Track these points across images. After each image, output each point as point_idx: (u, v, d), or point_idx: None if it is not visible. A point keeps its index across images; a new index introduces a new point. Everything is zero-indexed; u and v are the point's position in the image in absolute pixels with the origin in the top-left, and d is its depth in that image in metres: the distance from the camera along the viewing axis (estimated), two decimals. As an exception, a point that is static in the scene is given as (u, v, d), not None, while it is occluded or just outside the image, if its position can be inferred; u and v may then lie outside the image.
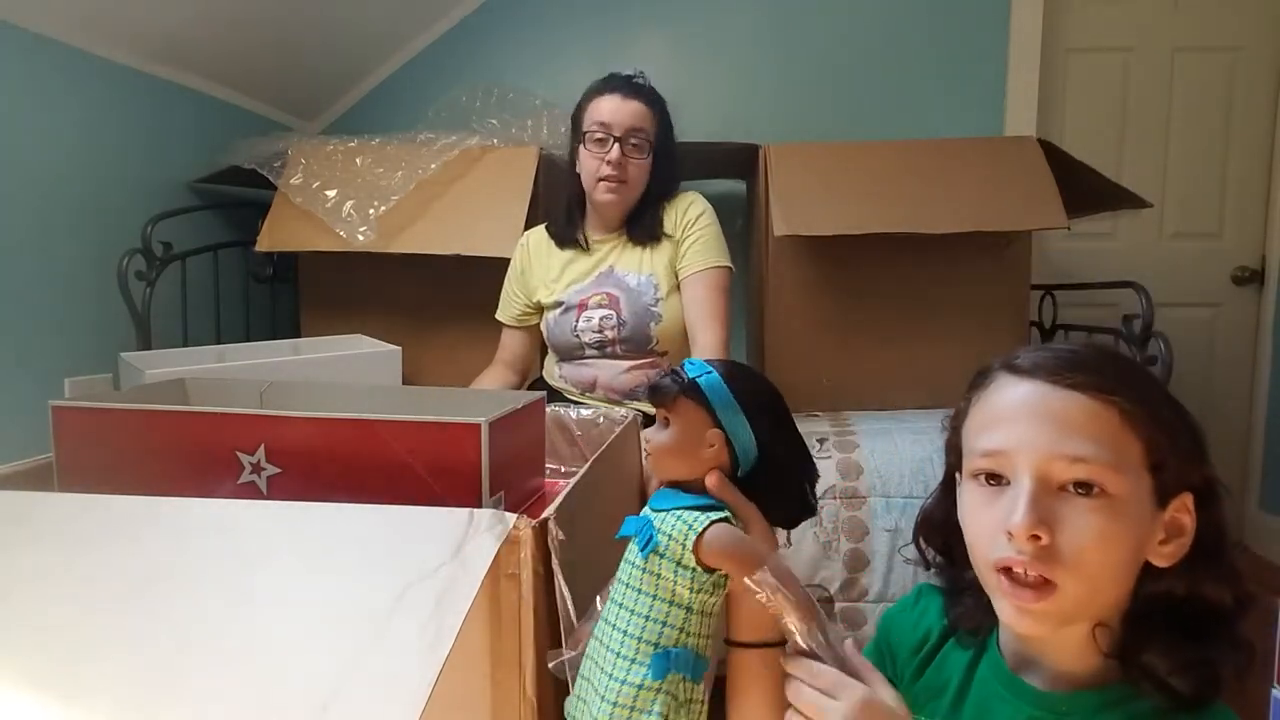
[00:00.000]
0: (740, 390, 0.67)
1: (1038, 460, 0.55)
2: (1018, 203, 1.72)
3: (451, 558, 0.60)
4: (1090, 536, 0.53)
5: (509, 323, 1.64)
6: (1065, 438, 0.55)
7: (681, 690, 0.62)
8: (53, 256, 1.60)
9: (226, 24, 1.93)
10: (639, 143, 1.47)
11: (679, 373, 0.68)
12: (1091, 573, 0.54)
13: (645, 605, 0.63)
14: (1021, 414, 0.57)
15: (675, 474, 0.67)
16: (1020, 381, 0.58)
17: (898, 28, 2.44)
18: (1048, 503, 0.54)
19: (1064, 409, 0.56)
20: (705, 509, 0.64)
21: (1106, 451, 0.54)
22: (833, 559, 1.50)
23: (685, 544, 0.62)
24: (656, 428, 0.68)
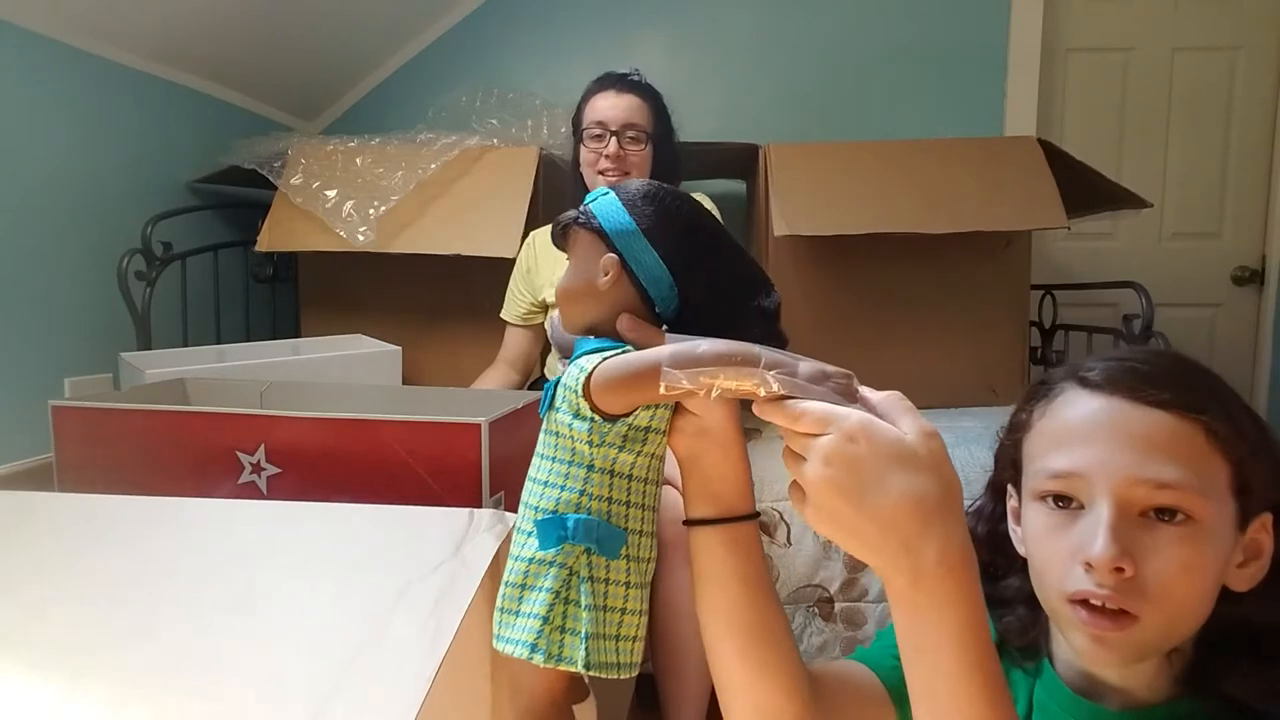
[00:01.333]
0: (643, 211, 0.56)
1: (1117, 484, 0.51)
2: (1018, 203, 1.72)
3: (451, 557, 0.60)
4: (1177, 568, 0.50)
5: (513, 321, 1.64)
6: (1148, 460, 0.50)
7: (585, 565, 0.52)
8: (53, 256, 1.60)
9: (227, 24, 1.93)
10: (636, 135, 1.48)
11: (584, 206, 0.58)
12: (1176, 605, 0.50)
13: (545, 470, 0.54)
14: (1099, 433, 0.52)
15: (579, 318, 0.57)
16: (1094, 396, 0.53)
17: (898, 28, 2.44)
18: (1130, 531, 0.50)
19: (1146, 429, 0.51)
20: (593, 348, 0.54)
21: (1193, 475, 0.50)
22: (833, 559, 1.50)
23: (577, 389, 0.52)
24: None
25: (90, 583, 0.60)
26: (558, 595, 0.51)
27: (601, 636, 0.52)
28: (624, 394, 0.50)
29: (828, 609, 1.50)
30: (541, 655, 0.51)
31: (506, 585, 0.53)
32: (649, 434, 0.53)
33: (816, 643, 1.49)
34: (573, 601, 0.52)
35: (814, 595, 1.50)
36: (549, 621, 0.51)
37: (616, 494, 0.53)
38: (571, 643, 0.51)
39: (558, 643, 0.51)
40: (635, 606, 0.54)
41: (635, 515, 0.54)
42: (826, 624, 1.49)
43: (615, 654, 0.53)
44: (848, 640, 1.49)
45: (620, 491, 0.53)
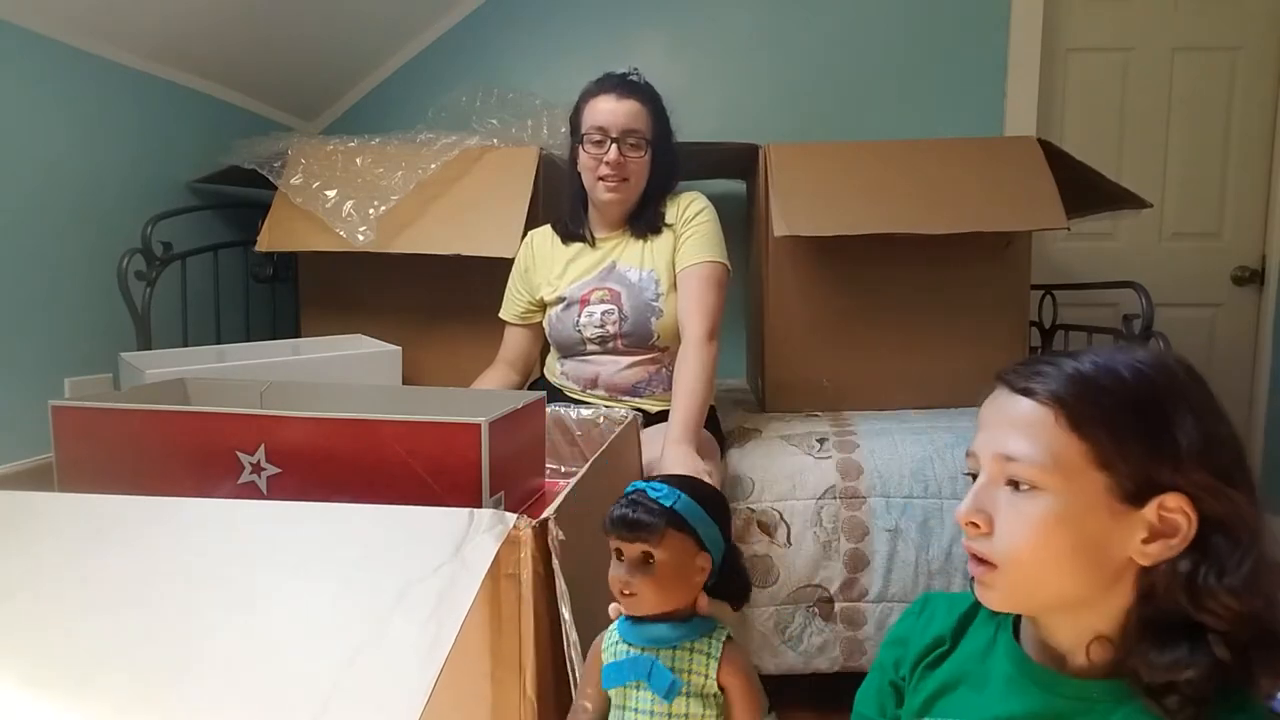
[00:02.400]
0: (709, 506, 0.69)
1: (987, 459, 0.61)
2: (1018, 203, 1.72)
3: (451, 558, 0.60)
4: (1018, 526, 0.58)
5: (512, 321, 1.64)
6: (1006, 438, 0.60)
7: None
8: (53, 256, 1.60)
9: (227, 24, 1.93)
10: (636, 142, 1.47)
11: (652, 504, 0.67)
12: (1027, 558, 0.58)
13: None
14: (985, 418, 0.63)
15: (668, 607, 0.67)
16: (997, 390, 0.63)
17: (898, 28, 2.44)
18: (991, 495, 0.60)
19: (1010, 412, 0.60)
20: (697, 631, 0.66)
21: (1038, 451, 0.58)
22: (833, 559, 1.50)
23: (710, 675, 0.64)
24: (629, 566, 0.66)
25: (90, 583, 0.60)
26: None
27: None
28: (745, 683, 0.65)
29: (828, 609, 1.50)
30: None
31: None
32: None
33: (816, 643, 1.49)
34: None
35: (814, 595, 1.50)
36: None
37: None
38: None
39: None
40: None
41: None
42: (826, 624, 1.49)
43: None
44: (847, 640, 1.49)
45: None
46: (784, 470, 1.54)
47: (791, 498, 1.52)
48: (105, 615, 0.57)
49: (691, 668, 0.64)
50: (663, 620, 0.66)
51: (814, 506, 1.51)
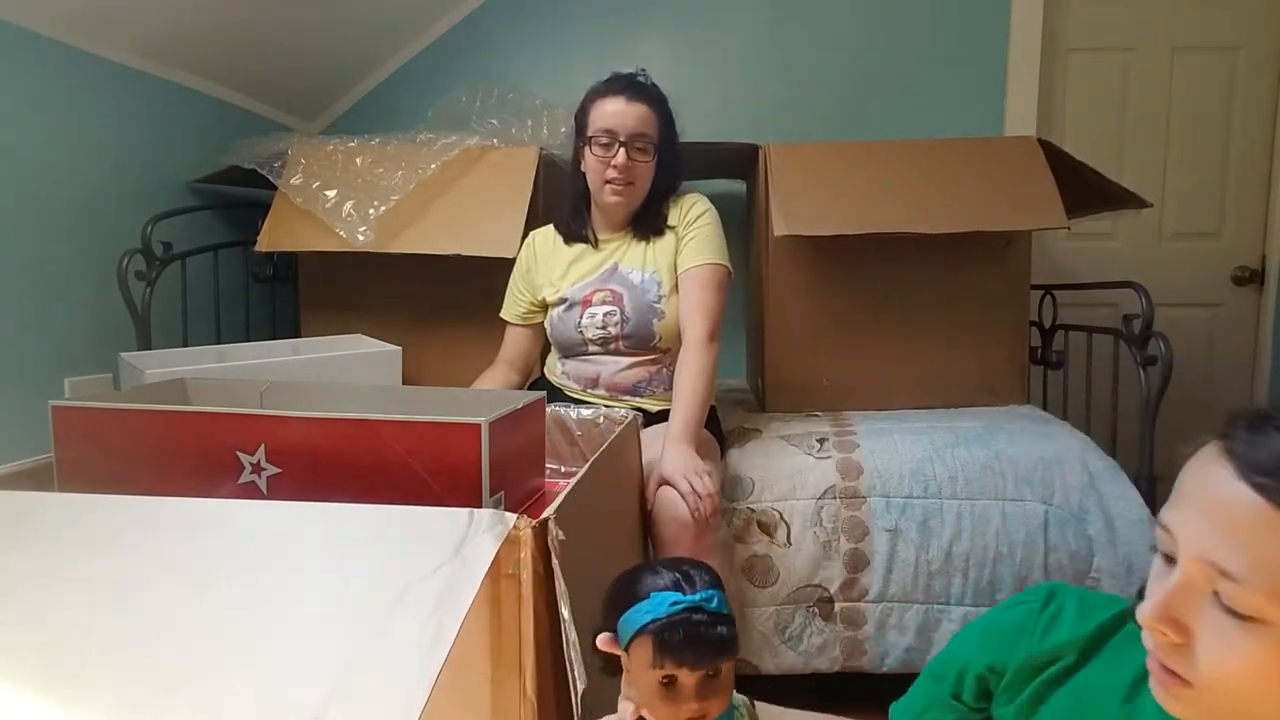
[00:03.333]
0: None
1: (1190, 556, 0.48)
2: (1018, 203, 1.72)
3: (451, 558, 0.60)
4: (1231, 659, 0.46)
5: (513, 321, 1.64)
6: (1224, 544, 0.46)
7: None
8: (53, 256, 1.60)
9: (226, 24, 1.93)
10: (644, 146, 1.47)
11: (719, 615, 0.64)
12: (1234, 695, 0.47)
13: None
14: (1196, 497, 0.50)
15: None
16: (1216, 459, 0.49)
17: (898, 28, 2.44)
18: (1191, 602, 0.48)
19: (1236, 509, 0.46)
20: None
21: (1264, 575, 0.45)
22: (833, 559, 1.50)
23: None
24: (700, 690, 0.63)
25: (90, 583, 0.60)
26: None
27: None
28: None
29: (828, 609, 1.50)
30: None
31: None
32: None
33: (816, 643, 1.49)
34: None
35: (814, 595, 1.50)
36: None
37: None
38: None
39: None
40: None
41: None
42: (826, 624, 1.49)
43: None
44: (847, 640, 1.49)
45: None
46: (784, 470, 1.54)
47: (791, 498, 1.52)
48: (105, 615, 0.57)
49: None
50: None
51: (814, 506, 1.51)
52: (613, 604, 0.67)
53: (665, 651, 0.62)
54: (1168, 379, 1.61)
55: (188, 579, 0.60)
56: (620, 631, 0.65)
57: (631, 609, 0.64)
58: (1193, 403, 2.40)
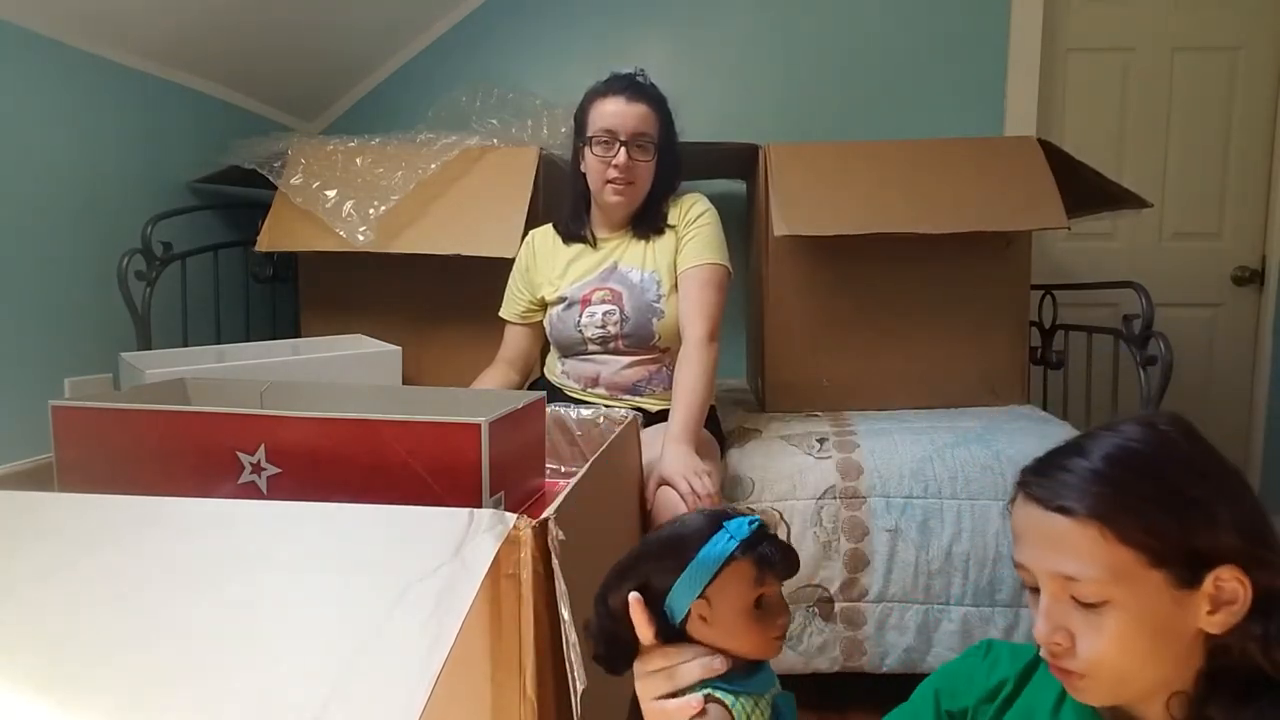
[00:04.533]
0: None
1: (1044, 578, 0.62)
2: (1018, 203, 1.72)
3: (451, 558, 0.60)
4: (1100, 642, 0.59)
5: (513, 320, 1.64)
6: (1056, 558, 0.60)
7: None
8: (53, 256, 1.60)
9: (226, 24, 1.93)
10: (644, 145, 1.47)
11: (785, 543, 0.65)
12: (1113, 669, 0.59)
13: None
14: (1027, 534, 0.64)
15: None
16: (1025, 503, 0.64)
17: (898, 28, 2.44)
18: (1063, 611, 0.61)
19: (1051, 531, 0.61)
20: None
21: (1094, 567, 0.59)
22: (833, 559, 1.50)
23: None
24: (780, 598, 0.65)
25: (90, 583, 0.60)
26: None
27: None
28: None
29: (828, 609, 1.50)
30: None
31: None
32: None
33: (816, 642, 1.50)
34: None
35: (814, 595, 1.50)
36: None
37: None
38: None
39: None
40: None
41: None
42: (826, 624, 1.49)
43: None
44: (847, 640, 1.49)
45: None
46: (784, 470, 1.54)
47: (791, 498, 1.52)
48: (105, 615, 0.57)
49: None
50: (754, 666, 0.65)
51: (814, 506, 1.51)
52: (660, 572, 0.62)
53: (767, 566, 0.62)
54: (1168, 379, 1.61)
55: (188, 579, 0.60)
56: (685, 592, 0.61)
57: (701, 554, 0.61)
58: (1193, 403, 2.40)
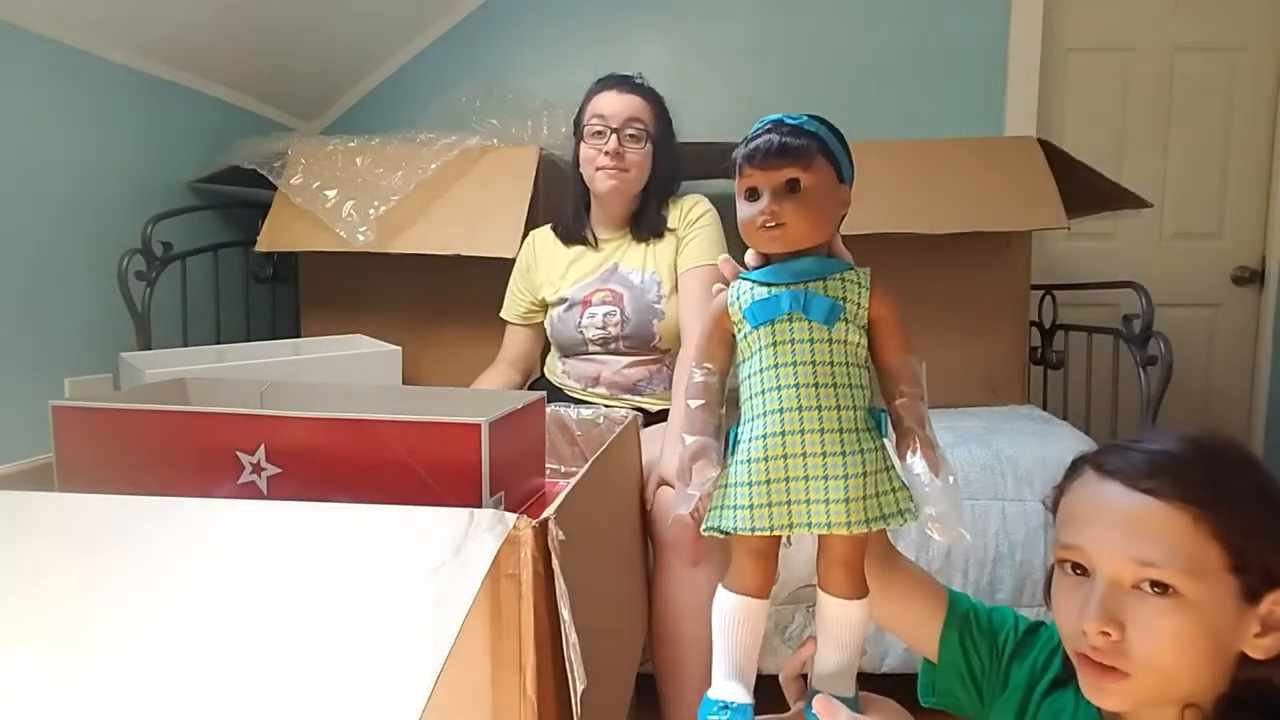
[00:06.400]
0: (843, 139, 0.66)
1: (1110, 560, 0.58)
2: (1017, 203, 1.72)
3: (451, 558, 0.60)
4: (1160, 636, 0.56)
5: (513, 320, 1.64)
6: (1136, 541, 0.57)
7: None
8: (53, 256, 1.60)
9: (226, 24, 1.93)
10: (636, 133, 1.48)
11: (795, 128, 0.62)
12: (1163, 667, 0.57)
13: (847, 375, 0.61)
14: (1098, 514, 0.61)
15: (816, 240, 0.63)
16: (1101, 481, 0.61)
17: (898, 28, 2.44)
18: (1120, 601, 0.58)
19: (1136, 513, 0.58)
20: (841, 264, 0.64)
21: (1178, 556, 0.56)
22: (833, 559, 1.50)
23: (863, 304, 0.62)
24: (774, 196, 0.61)
25: (90, 583, 0.60)
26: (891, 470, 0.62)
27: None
28: (893, 308, 0.64)
29: (828, 609, 1.50)
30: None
31: (863, 477, 0.60)
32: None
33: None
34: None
35: (814, 595, 1.49)
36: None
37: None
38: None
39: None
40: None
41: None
42: (826, 624, 1.49)
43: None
44: (848, 640, 1.49)
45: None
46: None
47: (791, 498, 1.51)
48: (104, 615, 0.57)
49: (846, 295, 0.62)
50: (803, 255, 0.63)
51: (814, 506, 1.50)
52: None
53: (743, 160, 0.63)
54: (1168, 379, 1.61)
55: (187, 579, 0.60)
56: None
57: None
58: (1193, 403, 2.40)
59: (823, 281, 0.62)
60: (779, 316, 0.61)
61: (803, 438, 0.60)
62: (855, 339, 0.62)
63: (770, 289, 0.62)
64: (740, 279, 0.66)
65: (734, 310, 0.64)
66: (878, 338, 0.64)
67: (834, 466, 0.59)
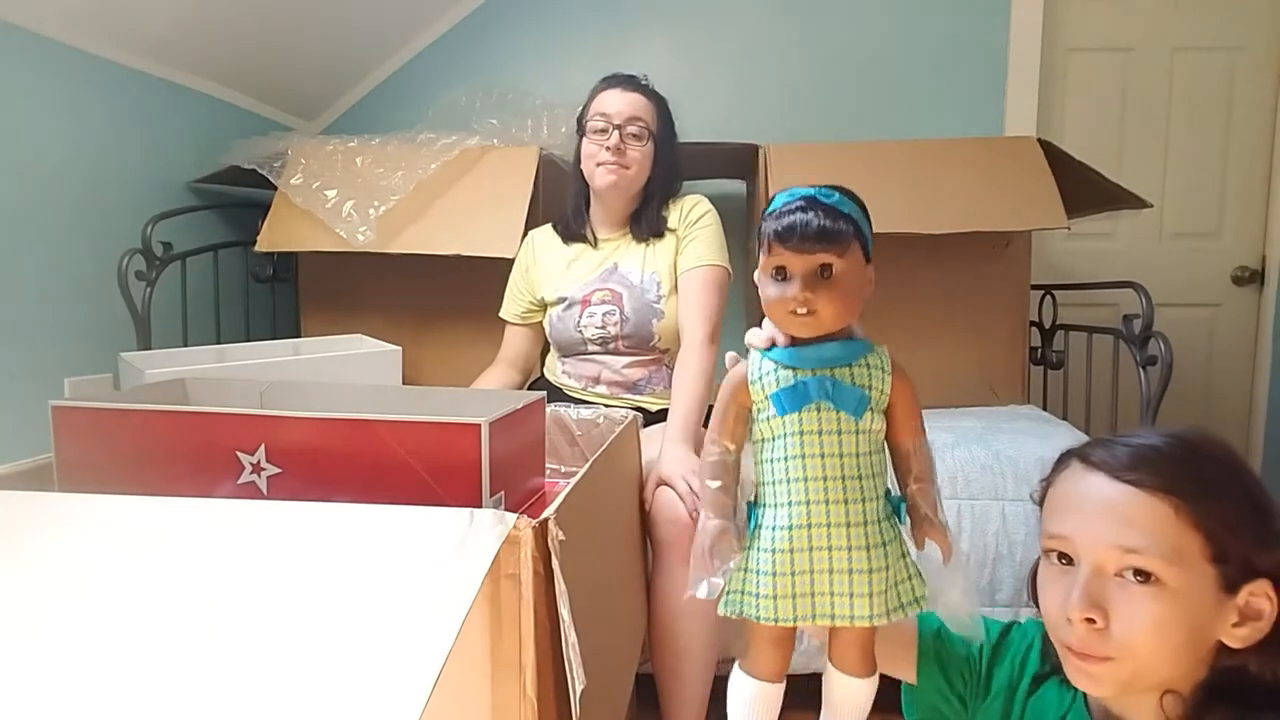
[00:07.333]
0: (868, 212, 0.65)
1: (1095, 549, 0.60)
2: (1017, 203, 1.72)
3: (451, 558, 0.60)
4: (1142, 622, 0.58)
5: (513, 320, 1.64)
6: (1119, 529, 0.59)
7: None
8: (53, 256, 1.60)
9: (226, 24, 1.93)
10: (638, 131, 1.48)
11: (832, 209, 0.61)
12: (1144, 651, 0.59)
13: (870, 464, 0.61)
14: (1083, 505, 0.62)
15: (840, 325, 0.64)
16: (1087, 473, 0.63)
17: (897, 27, 2.44)
18: (1103, 588, 0.60)
19: (1120, 503, 0.60)
20: (864, 347, 0.64)
21: (1160, 544, 0.58)
22: (833, 559, 1.50)
23: (885, 389, 0.63)
24: (806, 281, 0.60)
25: (89, 582, 0.60)
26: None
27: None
28: (912, 395, 0.65)
29: (828, 609, 1.50)
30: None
31: (886, 569, 0.61)
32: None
33: (816, 643, 1.49)
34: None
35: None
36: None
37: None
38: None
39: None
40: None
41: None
42: (826, 624, 1.49)
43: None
44: (848, 640, 1.49)
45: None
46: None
47: (791, 498, 1.51)
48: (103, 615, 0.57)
49: (870, 382, 0.62)
50: (829, 340, 0.63)
51: (814, 506, 1.51)
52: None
53: (774, 238, 0.63)
54: (1168, 379, 1.61)
55: (187, 579, 0.60)
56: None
57: (766, 211, 0.66)
58: (1193, 403, 2.40)
59: (849, 368, 0.62)
60: (806, 406, 0.61)
61: (828, 530, 0.60)
62: (879, 426, 0.63)
63: (795, 373, 0.62)
64: (762, 357, 0.65)
65: (755, 390, 0.64)
66: (895, 420, 0.65)
67: (858, 561, 0.60)
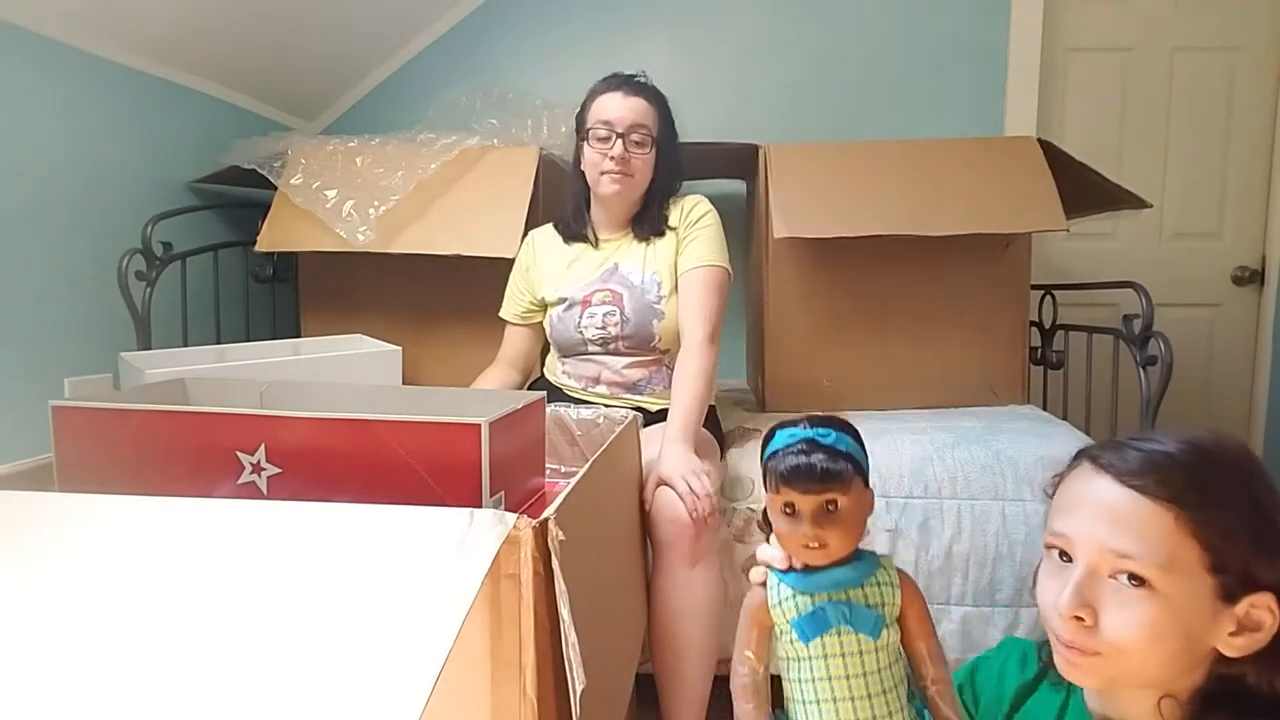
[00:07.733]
0: (860, 440, 0.70)
1: (1091, 551, 0.61)
2: (1017, 204, 1.71)
3: (452, 558, 0.60)
4: (1131, 624, 0.59)
5: (513, 320, 1.64)
6: (1117, 534, 0.60)
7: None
8: (53, 257, 1.60)
9: (226, 24, 1.93)
10: (641, 138, 1.48)
11: (832, 450, 0.66)
12: (1132, 654, 0.60)
13: (892, 678, 0.66)
14: (1086, 506, 0.63)
15: (849, 550, 0.68)
16: (1094, 474, 0.64)
17: (897, 27, 2.44)
18: (1095, 588, 0.61)
19: (1121, 508, 0.61)
20: (872, 565, 0.68)
21: (1156, 552, 0.59)
22: (833, 559, 1.50)
23: (896, 603, 0.67)
24: (814, 518, 0.66)
25: (89, 582, 0.60)
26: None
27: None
28: (920, 602, 0.69)
29: (828, 609, 1.50)
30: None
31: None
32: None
33: None
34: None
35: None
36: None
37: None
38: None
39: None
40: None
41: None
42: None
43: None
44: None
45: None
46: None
47: (791, 498, 1.51)
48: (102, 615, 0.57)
49: (883, 600, 0.66)
50: (839, 565, 0.67)
51: (814, 506, 1.51)
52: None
53: (779, 479, 0.68)
54: (1168, 379, 1.61)
55: (186, 578, 0.60)
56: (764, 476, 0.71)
57: (766, 449, 0.70)
58: (1193, 403, 2.40)
59: (861, 589, 0.67)
60: (827, 631, 0.66)
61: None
62: (895, 638, 0.67)
63: (813, 599, 0.67)
64: (780, 581, 0.70)
65: (777, 614, 0.69)
66: (908, 627, 0.69)
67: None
